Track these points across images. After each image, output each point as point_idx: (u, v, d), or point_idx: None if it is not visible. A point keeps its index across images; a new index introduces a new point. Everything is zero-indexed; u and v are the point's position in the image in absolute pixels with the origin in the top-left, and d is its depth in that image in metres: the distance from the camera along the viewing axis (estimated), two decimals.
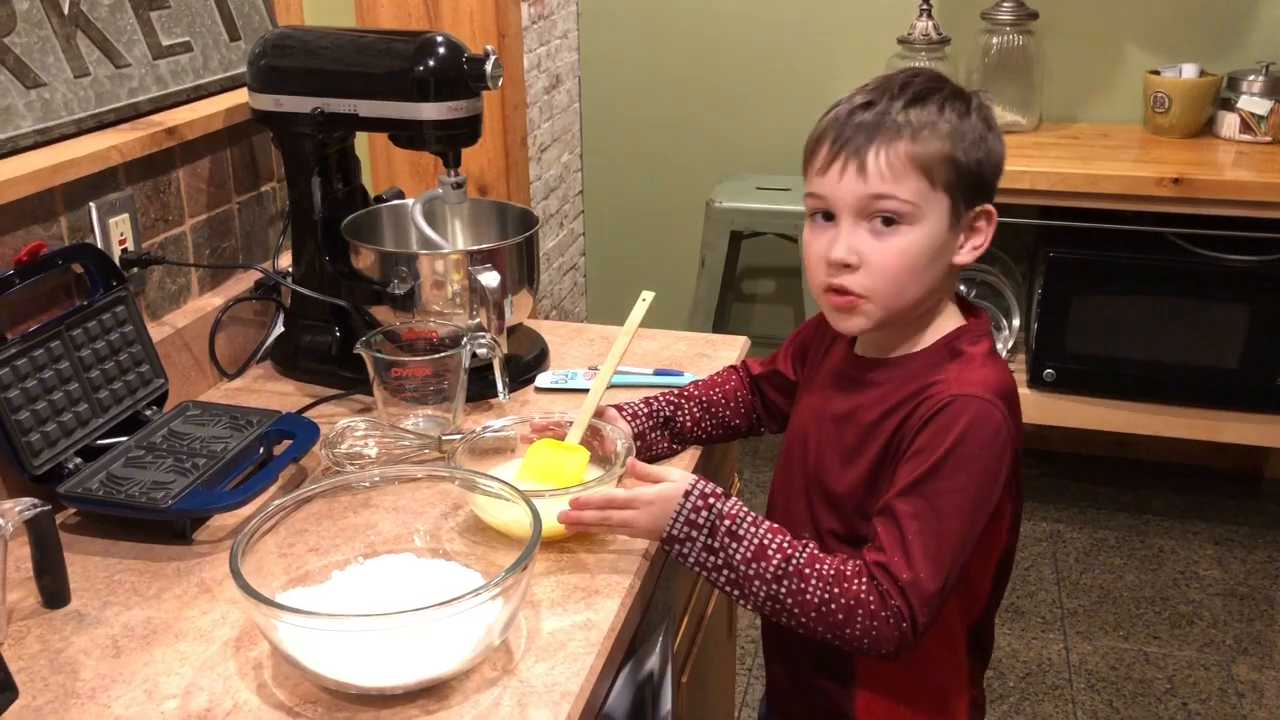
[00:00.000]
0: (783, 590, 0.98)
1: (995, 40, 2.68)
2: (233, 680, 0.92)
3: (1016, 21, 2.66)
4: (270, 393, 1.42)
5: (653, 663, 1.11)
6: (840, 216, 1.02)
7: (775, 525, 1.02)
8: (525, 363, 1.45)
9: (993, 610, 1.12)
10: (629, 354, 1.50)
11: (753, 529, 1.00)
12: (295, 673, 0.91)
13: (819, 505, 1.10)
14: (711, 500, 1.01)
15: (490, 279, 1.31)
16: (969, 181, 1.01)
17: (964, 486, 0.97)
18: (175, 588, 1.04)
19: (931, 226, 1.01)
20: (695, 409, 1.25)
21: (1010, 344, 2.73)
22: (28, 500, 0.98)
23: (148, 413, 1.26)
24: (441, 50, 1.31)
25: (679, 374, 1.43)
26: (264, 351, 1.51)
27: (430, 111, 1.32)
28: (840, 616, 0.97)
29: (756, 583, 0.99)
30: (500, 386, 1.31)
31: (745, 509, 1.02)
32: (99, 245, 1.26)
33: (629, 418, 1.21)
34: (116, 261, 1.27)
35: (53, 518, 0.99)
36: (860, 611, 0.97)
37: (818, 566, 0.99)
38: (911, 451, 1.00)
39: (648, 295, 1.23)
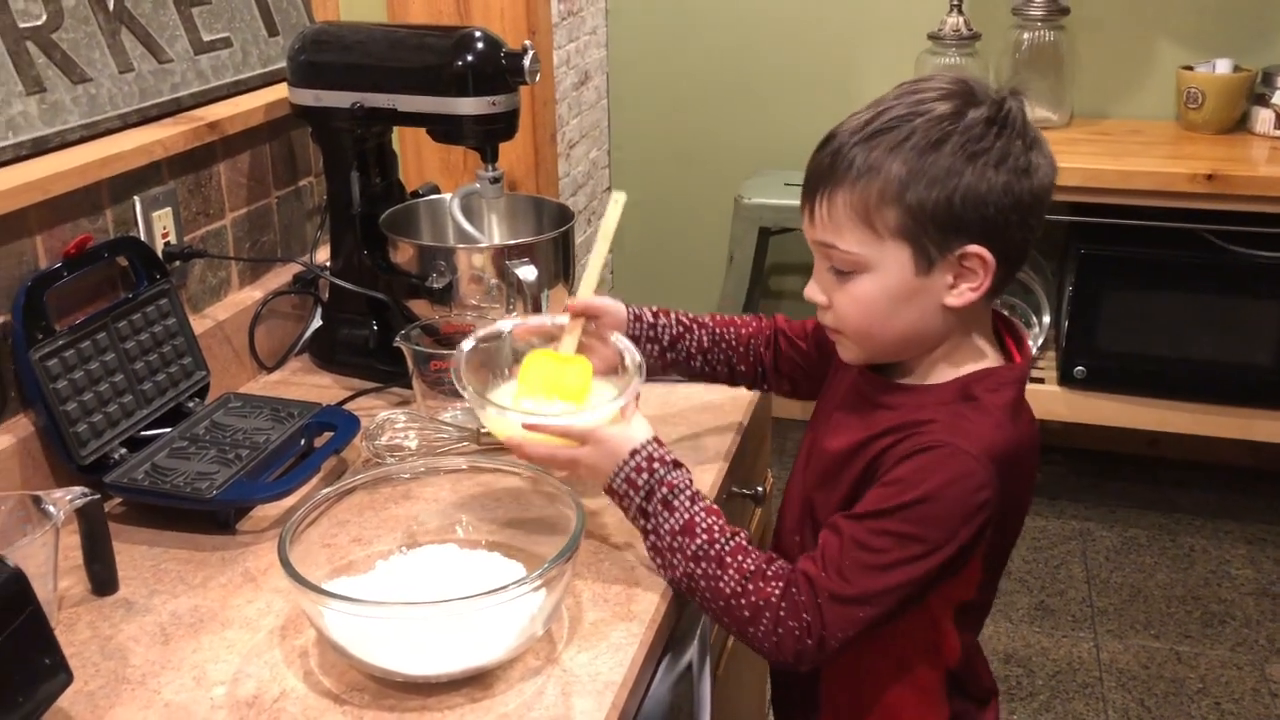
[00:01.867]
0: (699, 571, 0.96)
1: (1026, 36, 2.67)
2: (279, 668, 0.93)
3: (1048, 17, 2.65)
4: (308, 385, 1.44)
5: (691, 654, 1.11)
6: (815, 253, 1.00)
7: (713, 506, 1.00)
8: None
9: (973, 653, 1.08)
10: None
11: (687, 503, 0.98)
12: (341, 661, 0.92)
13: (800, 493, 1.09)
14: (656, 465, 0.99)
15: (528, 273, 1.31)
16: (934, 224, 0.92)
17: (917, 537, 0.92)
18: (220, 577, 1.06)
19: (888, 275, 0.95)
20: (705, 337, 1.20)
21: (1040, 341, 2.72)
22: (78, 489, 0.99)
23: (190, 404, 1.27)
24: (480, 45, 1.32)
25: None
26: (302, 344, 1.52)
27: (469, 106, 1.32)
28: (746, 614, 0.94)
29: (678, 556, 0.97)
30: None
31: (687, 482, 1.00)
32: (143, 238, 1.27)
33: (631, 319, 1.16)
34: (160, 255, 1.29)
35: (102, 506, 1.01)
36: (767, 615, 0.94)
37: (740, 559, 0.96)
38: (886, 479, 0.95)
39: (620, 196, 1.14)
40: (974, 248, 0.93)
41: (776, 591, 0.94)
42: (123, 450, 1.17)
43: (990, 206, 0.92)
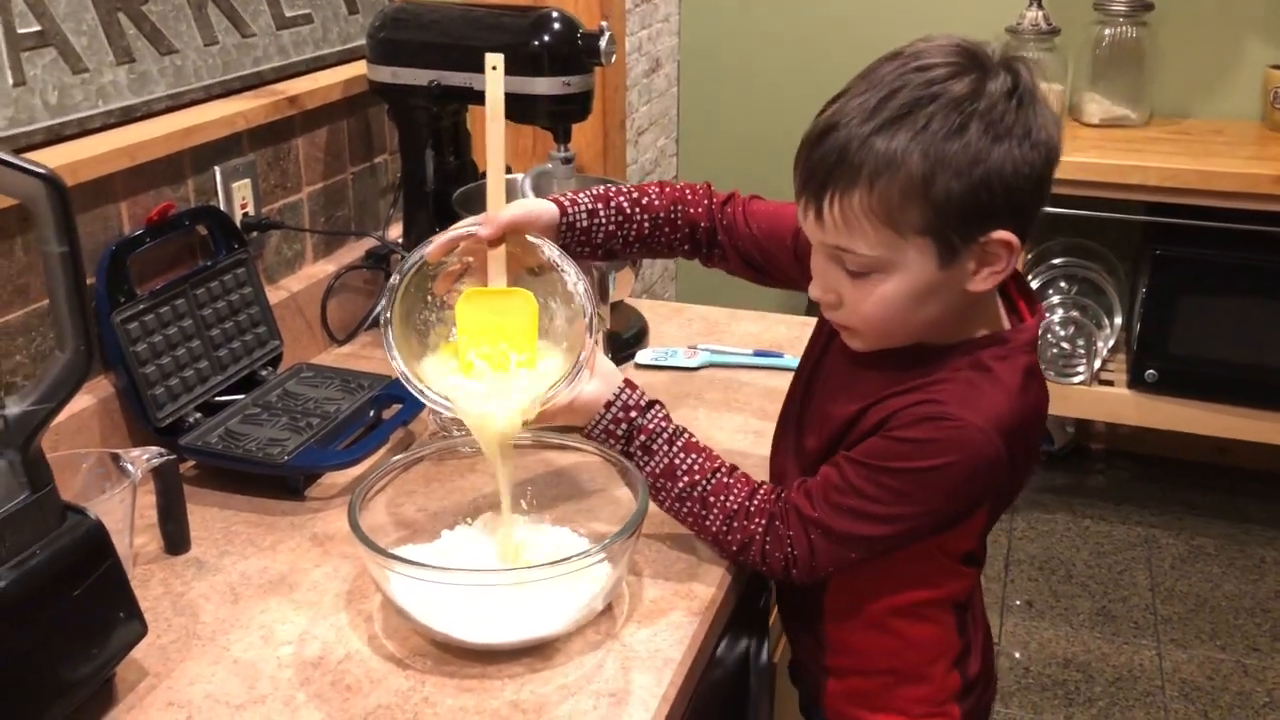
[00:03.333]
0: (685, 510, 1.00)
1: (1108, 31, 2.62)
2: (345, 631, 0.95)
3: (1131, 13, 2.59)
4: (377, 359, 1.45)
5: (749, 638, 1.11)
6: (815, 251, 0.94)
7: (692, 441, 1.01)
8: (625, 339, 1.46)
9: (976, 588, 1.07)
10: (730, 336, 1.51)
11: (666, 446, 1.00)
12: (404, 626, 0.94)
13: (795, 449, 1.06)
14: (633, 414, 1.00)
15: None
16: (960, 213, 0.86)
17: (913, 497, 0.92)
18: (289, 540, 1.07)
19: (911, 272, 0.89)
20: (646, 223, 1.10)
21: (1111, 343, 2.67)
22: (154, 449, 1.02)
23: (263, 373, 1.30)
24: (557, 25, 1.32)
25: (779, 355, 1.43)
26: (372, 319, 1.54)
27: (544, 86, 1.33)
28: (734, 549, 1.00)
29: (663, 494, 1.01)
30: None
31: (663, 423, 1.00)
32: (223, 208, 1.30)
33: (564, 227, 1.06)
34: (238, 225, 1.31)
35: (177, 467, 1.03)
36: (753, 548, 0.98)
37: (723, 498, 0.99)
38: (895, 434, 0.92)
39: (495, 58, 1.01)
40: (999, 234, 0.88)
41: (759, 529, 0.98)
42: (197, 414, 1.20)
43: (1017, 191, 0.87)
